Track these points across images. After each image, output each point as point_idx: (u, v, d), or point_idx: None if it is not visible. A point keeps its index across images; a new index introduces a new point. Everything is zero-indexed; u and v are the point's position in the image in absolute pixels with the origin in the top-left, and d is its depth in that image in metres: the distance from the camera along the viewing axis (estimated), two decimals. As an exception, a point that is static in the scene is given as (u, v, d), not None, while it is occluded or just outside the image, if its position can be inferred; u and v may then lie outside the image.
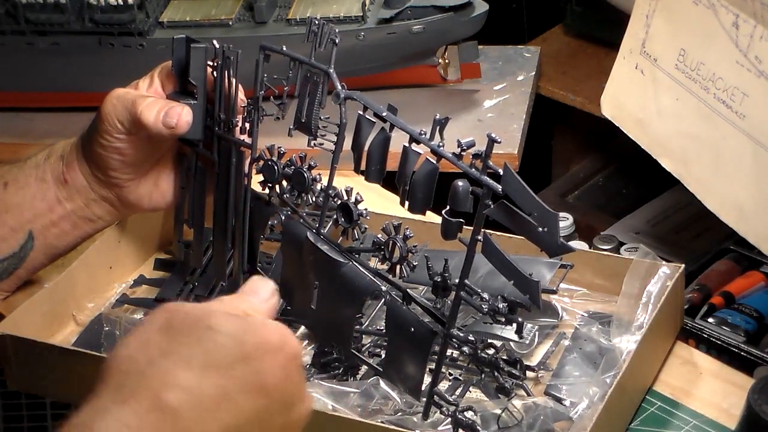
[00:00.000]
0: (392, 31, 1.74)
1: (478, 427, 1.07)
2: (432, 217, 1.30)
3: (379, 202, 1.33)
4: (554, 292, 1.24)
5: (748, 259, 1.60)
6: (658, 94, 1.41)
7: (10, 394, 1.33)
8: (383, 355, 1.20)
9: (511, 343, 1.20)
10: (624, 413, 1.16)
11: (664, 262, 1.22)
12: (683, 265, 1.22)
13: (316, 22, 1.16)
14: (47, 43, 1.81)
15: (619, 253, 1.66)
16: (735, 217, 1.32)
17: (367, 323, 1.25)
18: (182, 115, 1.21)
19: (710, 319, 1.51)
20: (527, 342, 1.21)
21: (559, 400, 1.13)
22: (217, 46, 1.22)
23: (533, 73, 1.92)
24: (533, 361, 1.21)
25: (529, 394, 1.13)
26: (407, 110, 1.14)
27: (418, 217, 1.14)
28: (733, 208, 1.32)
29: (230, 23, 1.79)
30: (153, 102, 1.22)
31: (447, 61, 1.85)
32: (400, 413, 1.11)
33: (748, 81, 1.28)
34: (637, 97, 1.45)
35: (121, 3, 1.77)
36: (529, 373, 1.18)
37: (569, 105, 1.94)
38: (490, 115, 1.79)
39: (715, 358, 1.29)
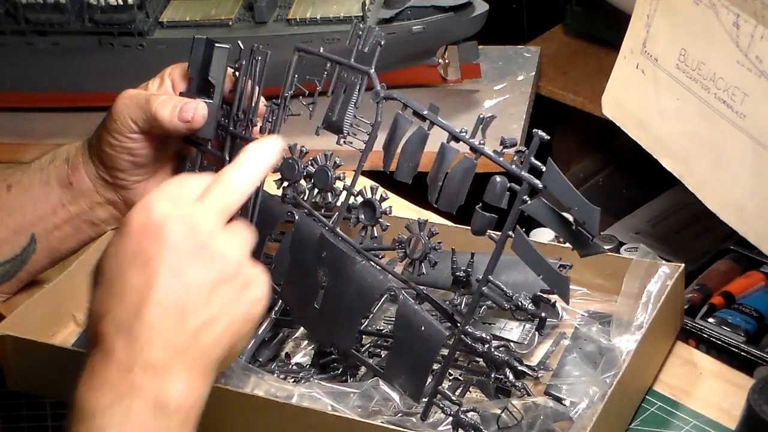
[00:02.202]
0: (392, 31, 1.74)
1: (481, 428, 1.07)
2: (437, 219, 1.30)
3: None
4: (554, 291, 1.24)
5: (748, 259, 1.61)
6: (658, 93, 1.41)
7: (10, 394, 1.33)
8: (383, 355, 1.20)
9: (511, 343, 1.20)
10: (624, 413, 1.16)
11: (664, 262, 1.22)
12: (683, 265, 1.22)
13: (361, 26, 1.16)
14: (47, 43, 1.81)
15: (619, 253, 1.66)
16: (735, 217, 1.32)
17: (366, 323, 1.25)
18: (198, 110, 1.21)
19: (710, 319, 1.51)
20: (527, 342, 1.21)
21: (559, 400, 1.13)
22: (243, 47, 1.23)
23: (533, 73, 1.92)
24: (533, 361, 1.21)
25: (529, 394, 1.13)
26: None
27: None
28: (734, 207, 1.32)
29: (230, 23, 1.79)
30: (167, 99, 1.22)
31: (447, 61, 1.85)
32: (400, 414, 1.11)
33: (748, 81, 1.28)
34: (637, 97, 1.45)
35: (121, 3, 1.77)
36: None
37: (569, 105, 1.94)
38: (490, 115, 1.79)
39: (715, 358, 1.29)
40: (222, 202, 0.97)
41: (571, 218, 1.03)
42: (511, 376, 1.11)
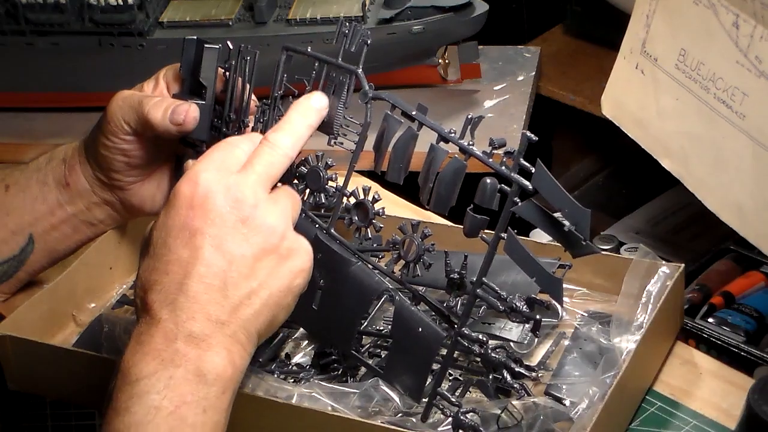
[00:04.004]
0: (392, 31, 1.74)
1: (481, 429, 1.07)
2: (434, 218, 1.30)
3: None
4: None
5: (748, 259, 1.61)
6: (658, 93, 1.41)
7: (10, 394, 1.33)
8: (383, 356, 1.20)
9: (511, 343, 1.20)
10: (624, 413, 1.16)
11: (664, 262, 1.22)
12: (683, 265, 1.22)
13: (347, 24, 1.16)
14: (47, 43, 1.81)
15: (619, 253, 1.66)
16: (735, 217, 1.32)
17: (365, 324, 1.25)
18: (189, 112, 1.21)
19: (710, 319, 1.51)
20: (527, 342, 1.21)
21: (559, 400, 1.13)
22: (232, 47, 1.22)
23: (533, 73, 1.92)
24: (533, 361, 1.21)
25: (529, 394, 1.13)
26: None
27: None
28: (733, 208, 1.32)
29: (230, 23, 1.79)
30: (160, 101, 1.22)
31: (447, 61, 1.85)
32: (400, 414, 1.11)
33: (748, 81, 1.28)
34: (637, 97, 1.45)
35: (121, 3, 1.77)
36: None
37: (569, 105, 1.94)
38: (490, 115, 1.79)
39: (715, 358, 1.29)
40: (266, 169, 1.03)
41: (564, 219, 1.03)
42: (508, 377, 1.11)
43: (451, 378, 1.18)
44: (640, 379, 1.18)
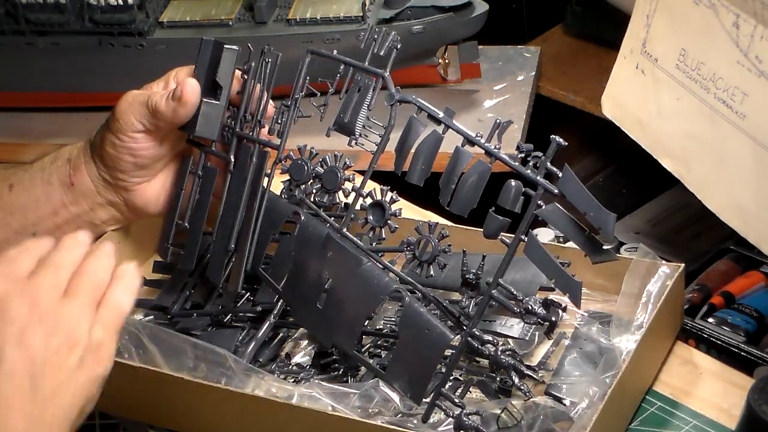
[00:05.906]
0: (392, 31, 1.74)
1: (482, 429, 1.07)
2: (436, 218, 1.30)
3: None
4: (552, 289, 1.24)
5: (748, 259, 1.61)
6: (658, 93, 1.41)
7: (10, 394, 1.33)
8: (383, 356, 1.20)
9: (511, 343, 1.20)
10: (624, 413, 1.16)
11: (664, 262, 1.22)
12: (683, 265, 1.22)
13: (377, 30, 1.17)
14: (47, 43, 1.82)
15: (619, 253, 1.66)
16: (735, 218, 1.32)
17: (366, 324, 1.25)
18: (186, 84, 1.21)
19: (710, 319, 1.51)
20: (528, 339, 1.21)
21: (559, 400, 1.13)
22: (252, 48, 1.23)
23: (533, 73, 1.92)
24: (533, 361, 1.21)
25: (529, 394, 1.13)
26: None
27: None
28: (734, 208, 1.32)
29: (230, 23, 1.79)
30: (165, 92, 1.23)
31: (447, 61, 1.85)
32: (400, 415, 1.11)
33: (748, 81, 1.28)
34: (637, 97, 1.45)
35: (121, 3, 1.77)
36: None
37: (569, 105, 1.94)
38: (490, 115, 1.79)
39: (715, 358, 1.29)
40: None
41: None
42: (515, 379, 1.11)
43: (451, 378, 1.18)
44: (640, 379, 1.18)
